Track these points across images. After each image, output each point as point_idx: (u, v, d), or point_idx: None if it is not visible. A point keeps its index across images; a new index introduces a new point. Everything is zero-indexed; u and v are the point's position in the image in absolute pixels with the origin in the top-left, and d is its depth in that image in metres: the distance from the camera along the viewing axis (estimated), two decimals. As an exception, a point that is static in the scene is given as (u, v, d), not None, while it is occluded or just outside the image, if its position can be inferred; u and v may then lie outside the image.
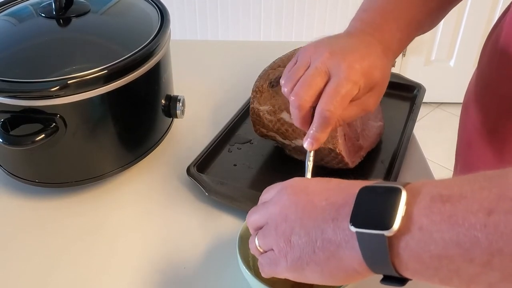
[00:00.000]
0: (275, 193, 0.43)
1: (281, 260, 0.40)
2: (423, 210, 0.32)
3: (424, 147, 0.76)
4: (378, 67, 0.52)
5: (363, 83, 0.50)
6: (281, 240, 0.40)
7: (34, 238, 0.61)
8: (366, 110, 0.53)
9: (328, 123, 0.49)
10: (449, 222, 0.30)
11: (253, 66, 0.81)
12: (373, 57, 0.52)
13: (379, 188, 0.35)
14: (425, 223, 0.31)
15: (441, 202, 0.31)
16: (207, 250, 0.59)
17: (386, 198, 0.33)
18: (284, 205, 0.41)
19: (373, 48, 0.53)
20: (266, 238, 0.42)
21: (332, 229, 0.36)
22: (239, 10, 2.06)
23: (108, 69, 0.58)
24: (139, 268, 0.57)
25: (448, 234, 0.30)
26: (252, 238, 0.44)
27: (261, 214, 0.43)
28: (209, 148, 0.71)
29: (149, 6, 0.72)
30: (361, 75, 0.50)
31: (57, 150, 0.61)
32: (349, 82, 0.49)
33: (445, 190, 0.32)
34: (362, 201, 0.35)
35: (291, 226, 0.39)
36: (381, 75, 0.52)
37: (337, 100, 0.49)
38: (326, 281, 0.39)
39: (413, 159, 0.72)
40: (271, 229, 0.41)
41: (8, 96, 0.56)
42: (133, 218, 0.64)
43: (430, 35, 2.18)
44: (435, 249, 0.31)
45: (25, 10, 0.70)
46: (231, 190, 0.64)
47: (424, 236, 0.31)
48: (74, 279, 0.56)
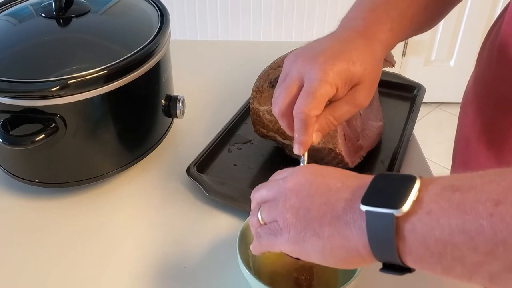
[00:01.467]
0: (289, 172, 0.44)
1: (284, 231, 0.40)
2: (433, 197, 0.33)
3: (424, 147, 0.76)
4: (357, 61, 0.50)
5: (340, 81, 0.49)
6: (288, 212, 0.40)
7: (34, 238, 0.61)
8: (358, 105, 0.52)
9: (307, 125, 0.49)
10: (457, 209, 0.31)
11: (253, 66, 0.81)
12: (350, 52, 0.51)
13: (395, 175, 0.36)
14: (434, 209, 0.32)
15: (451, 191, 0.32)
16: (207, 250, 0.59)
17: (400, 183, 0.35)
18: (298, 182, 0.41)
19: (351, 43, 0.52)
20: (272, 210, 0.42)
21: (343, 207, 0.37)
22: (239, 10, 2.06)
23: (108, 69, 0.58)
24: (139, 268, 0.57)
25: (454, 221, 0.31)
26: (254, 211, 0.44)
27: (271, 189, 0.44)
28: (209, 148, 0.71)
29: (149, 6, 0.72)
30: (334, 74, 0.49)
31: (57, 150, 0.61)
32: (321, 82, 0.48)
33: (456, 181, 0.33)
34: (377, 184, 0.36)
35: (301, 200, 0.40)
36: (361, 68, 0.50)
37: (310, 102, 0.48)
38: (325, 259, 0.39)
39: (413, 159, 0.72)
40: (279, 202, 0.41)
41: (8, 96, 0.56)
42: (133, 218, 0.64)
43: (430, 35, 2.18)
44: (440, 234, 0.32)
45: (25, 10, 0.70)
46: (231, 190, 0.64)
47: (431, 221, 0.32)
48: (74, 279, 0.56)
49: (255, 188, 0.46)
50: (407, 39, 2.30)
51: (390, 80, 0.85)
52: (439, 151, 1.90)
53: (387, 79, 0.85)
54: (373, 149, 0.72)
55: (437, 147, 1.95)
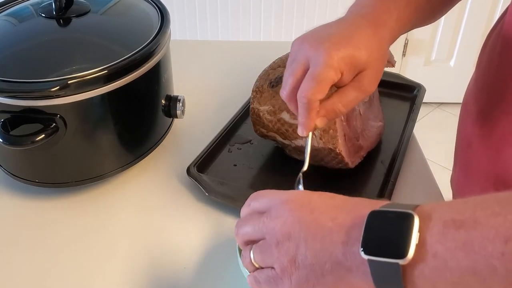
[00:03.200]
0: (270, 205, 0.42)
1: (285, 280, 0.38)
2: (436, 236, 0.31)
3: (424, 147, 0.76)
4: (363, 47, 0.51)
5: (345, 66, 0.50)
6: (284, 259, 0.38)
7: (34, 238, 0.61)
8: (364, 91, 0.52)
9: (309, 109, 0.50)
10: (465, 250, 0.30)
11: (253, 66, 0.81)
12: (357, 38, 0.51)
13: (390, 213, 0.34)
14: (440, 250, 0.31)
15: (455, 228, 0.31)
16: (207, 250, 0.59)
17: (398, 225, 0.33)
18: (285, 222, 0.39)
19: (358, 29, 0.52)
20: (265, 255, 0.40)
21: (342, 253, 0.35)
22: (239, 10, 2.06)
23: (108, 69, 0.58)
24: (139, 268, 0.57)
25: (464, 262, 0.30)
26: (246, 252, 0.42)
27: (256, 227, 0.41)
28: (209, 148, 0.71)
29: (149, 6, 0.72)
30: (339, 59, 0.49)
31: (57, 150, 0.61)
32: (325, 67, 0.49)
33: (457, 215, 0.31)
34: (373, 227, 0.34)
35: (295, 245, 0.38)
36: (367, 55, 0.51)
37: (313, 86, 0.49)
38: None
39: (413, 159, 0.72)
40: (271, 246, 0.39)
41: (8, 96, 0.56)
42: (133, 218, 0.64)
43: (430, 35, 2.18)
44: (450, 277, 0.31)
45: (25, 10, 0.70)
46: (231, 190, 0.64)
47: (439, 264, 0.31)
48: (74, 279, 0.56)
49: (237, 223, 0.45)
50: (407, 40, 2.30)
51: (390, 80, 0.85)
52: (439, 151, 1.90)
53: (387, 79, 0.85)
54: (373, 149, 0.72)
55: (437, 147, 1.95)
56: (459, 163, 0.68)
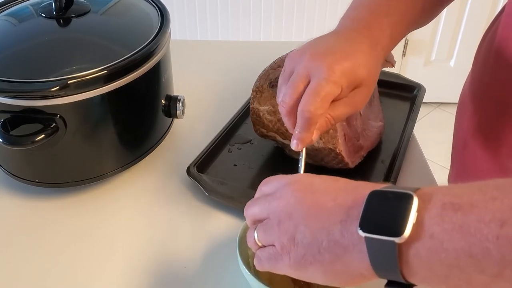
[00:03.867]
0: (277, 187, 0.43)
1: (284, 257, 0.40)
2: (434, 218, 0.32)
3: (424, 147, 0.76)
4: (362, 64, 0.51)
5: (346, 82, 0.50)
6: (284, 237, 0.39)
7: (34, 238, 0.61)
8: (354, 107, 0.53)
9: (310, 123, 0.50)
10: (461, 232, 0.30)
11: (253, 66, 0.81)
12: (357, 55, 0.51)
13: (390, 193, 0.34)
14: (436, 231, 0.31)
15: (453, 210, 0.31)
16: (207, 250, 0.59)
17: (397, 204, 0.33)
18: (288, 202, 0.40)
19: (357, 46, 0.52)
20: (267, 233, 0.41)
21: (340, 231, 0.36)
22: (239, 10, 2.06)
23: (108, 69, 0.58)
24: (139, 268, 0.57)
25: (459, 244, 0.30)
26: (251, 232, 0.44)
27: (262, 207, 0.43)
28: (209, 148, 0.71)
29: (149, 6, 0.72)
30: (341, 74, 0.49)
31: (57, 150, 0.61)
32: (329, 82, 0.49)
33: (456, 198, 0.32)
34: (372, 205, 0.34)
35: (295, 224, 0.39)
36: (366, 72, 0.51)
37: (316, 101, 0.49)
38: (328, 282, 0.39)
39: (413, 159, 0.72)
40: (273, 225, 0.40)
41: (8, 96, 0.56)
42: (133, 218, 0.64)
43: (430, 35, 2.18)
44: (446, 258, 0.31)
45: (25, 10, 0.70)
46: (231, 190, 0.64)
47: (435, 245, 0.31)
48: (74, 279, 0.56)
49: (247, 203, 0.46)
50: (407, 40, 2.30)
51: (390, 80, 0.85)
52: (439, 151, 1.90)
53: (387, 79, 0.85)
54: (373, 149, 0.72)
55: (437, 147, 1.95)
56: (456, 162, 0.68)
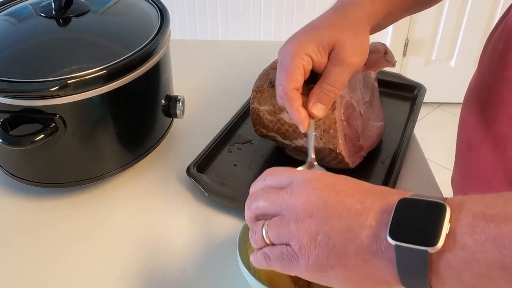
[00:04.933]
0: (290, 181, 0.40)
1: (302, 258, 0.37)
2: (466, 228, 0.31)
3: (425, 147, 0.76)
4: (324, 26, 0.54)
5: (311, 49, 0.52)
6: (304, 237, 0.37)
7: (34, 238, 0.61)
8: (347, 64, 0.53)
9: (289, 99, 0.52)
10: (494, 244, 0.30)
11: (253, 66, 0.81)
12: (316, 22, 0.54)
13: (421, 201, 0.34)
14: (469, 242, 0.31)
15: (485, 221, 0.31)
16: (207, 250, 0.59)
17: (429, 213, 0.33)
18: (308, 199, 0.38)
19: (321, 16, 0.55)
20: (281, 231, 0.39)
21: (368, 236, 0.35)
22: (239, 10, 2.06)
23: (107, 69, 0.58)
24: (139, 268, 0.57)
25: (492, 256, 0.30)
26: (257, 227, 0.41)
27: (273, 202, 0.40)
28: (209, 148, 0.71)
29: (149, 6, 0.72)
30: (301, 44, 0.52)
31: (57, 150, 0.61)
32: (289, 55, 0.52)
33: (487, 209, 0.32)
34: (402, 213, 0.34)
35: (317, 224, 0.37)
36: (330, 30, 0.53)
37: (283, 76, 0.52)
38: (348, 286, 0.37)
39: (414, 159, 0.72)
40: (289, 222, 0.38)
41: (7, 96, 0.56)
42: (133, 218, 0.64)
43: (431, 35, 2.18)
44: (477, 269, 0.31)
45: (25, 10, 0.69)
46: (231, 190, 0.64)
47: (467, 255, 0.31)
48: (74, 279, 0.56)
49: (250, 195, 0.43)
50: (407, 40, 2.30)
51: (391, 80, 0.85)
52: (440, 151, 1.90)
53: (388, 79, 0.85)
54: (374, 149, 0.72)
55: (438, 147, 1.95)
56: (460, 163, 0.68)
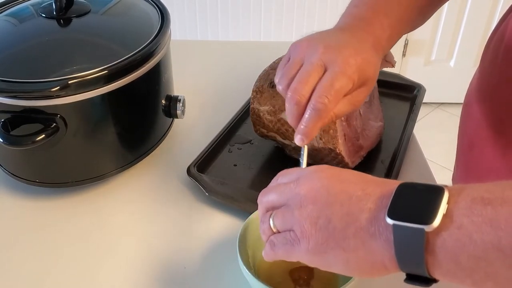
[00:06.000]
0: (298, 176, 0.42)
1: (303, 242, 0.38)
2: (463, 210, 0.32)
3: (424, 147, 0.76)
4: (372, 62, 0.51)
5: (357, 78, 0.49)
6: (306, 221, 0.38)
7: (34, 238, 0.61)
8: (355, 106, 0.52)
9: (320, 116, 0.48)
10: (490, 225, 0.30)
11: (253, 66, 0.81)
12: (367, 52, 0.51)
13: (420, 185, 0.35)
14: (465, 223, 0.31)
15: (482, 204, 0.31)
16: (207, 250, 0.59)
17: (427, 195, 0.33)
18: (313, 187, 0.39)
19: (366, 43, 0.53)
20: (286, 218, 0.40)
21: (367, 218, 0.36)
22: (239, 10, 2.06)
23: (108, 69, 0.58)
24: (139, 268, 0.57)
25: (488, 237, 0.30)
26: (265, 218, 0.42)
27: (281, 193, 0.41)
28: (209, 148, 0.71)
29: (149, 6, 0.72)
30: (356, 70, 0.49)
31: (58, 150, 0.61)
32: (344, 76, 0.48)
33: (486, 193, 0.32)
34: (402, 195, 0.35)
35: (319, 209, 0.38)
36: (374, 71, 0.51)
37: (332, 94, 0.48)
38: (347, 270, 0.38)
39: (413, 159, 0.72)
40: (293, 210, 0.39)
41: (8, 96, 0.56)
42: (133, 218, 0.64)
43: (430, 35, 2.18)
44: (473, 250, 0.31)
45: (26, 10, 0.70)
46: (231, 190, 0.64)
47: (463, 236, 0.31)
48: (74, 279, 0.56)
49: (262, 191, 0.45)
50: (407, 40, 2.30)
51: (390, 80, 0.85)
52: (439, 151, 1.90)
53: (387, 79, 0.85)
54: (373, 149, 0.72)
55: (437, 147, 1.95)
56: (461, 162, 0.68)
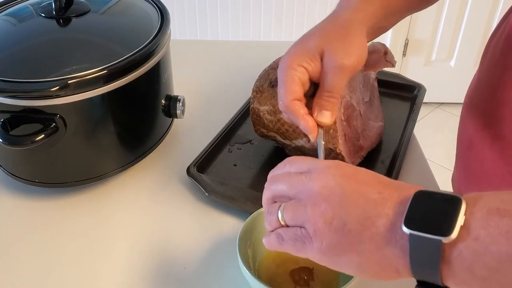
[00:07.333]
0: (310, 167, 0.41)
1: (315, 241, 0.38)
2: (479, 222, 0.32)
3: (424, 147, 0.76)
4: (313, 35, 0.54)
5: (304, 59, 0.52)
6: (319, 220, 0.37)
7: (34, 238, 0.61)
8: (339, 67, 0.53)
9: (293, 112, 0.52)
10: (507, 237, 0.31)
11: (253, 66, 0.81)
12: (308, 33, 0.54)
13: (437, 194, 0.35)
14: (482, 235, 0.31)
15: (499, 216, 0.31)
16: (207, 250, 0.59)
17: (445, 205, 0.33)
18: (327, 184, 0.38)
19: (316, 26, 0.55)
20: (297, 213, 0.39)
21: (384, 225, 0.35)
22: (239, 10, 2.06)
23: (108, 69, 0.58)
24: (139, 268, 0.57)
25: (505, 248, 0.30)
26: (273, 209, 0.41)
27: (292, 184, 0.41)
28: (209, 148, 0.71)
29: (149, 6, 0.72)
30: (293, 56, 0.52)
31: (57, 150, 0.61)
32: (283, 70, 0.52)
33: (502, 204, 0.32)
34: (419, 204, 0.34)
35: (333, 209, 0.37)
36: (318, 39, 0.53)
37: (282, 90, 0.52)
38: (359, 273, 0.38)
39: (413, 159, 0.72)
40: (306, 205, 0.38)
41: (8, 96, 0.56)
42: (133, 218, 0.64)
43: (431, 35, 2.18)
44: (489, 261, 0.31)
45: (25, 10, 0.69)
46: (231, 190, 0.64)
47: (479, 247, 0.31)
48: (74, 279, 0.56)
49: (270, 177, 0.44)
50: (407, 40, 2.29)
51: (391, 80, 0.85)
52: (439, 151, 1.90)
53: (387, 79, 0.85)
54: (374, 149, 0.72)
55: (437, 147, 1.95)
56: (461, 162, 0.68)
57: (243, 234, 0.53)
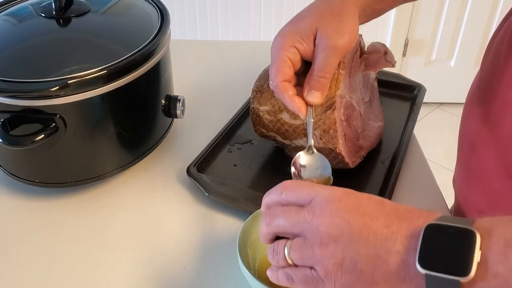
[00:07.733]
0: (310, 198, 0.40)
1: (327, 283, 0.37)
2: (497, 257, 0.31)
3: (424, 147, 0.76)
4: (303, 17, 0.54)
5: (295, 40, 0.53)
6: (329, 262, 0.36)
7: (34, 238, 0.61)
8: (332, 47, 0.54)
9: (281, 91, 0.53)
10: None
11: (253, 66, 0.81)
12: (300, 13, 0.55)
13: (449, 228, 0.33)
14: (501, 271, 0.31)
15: None
16: (207, 250, 0.59)
17: (459, 241, 0.32)
18: (332, 222, 0.37)
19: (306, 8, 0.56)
20: (305, 254, 0.38)
21: (396, 262, 0.34)
22: (239, 10, 2.06)
23: (108, 69, 0.58)
24: (139, 268, 0.57)
25: None
26: (279, 247, 0.40)
27: (294, 222, 0.39)
28: (209, 148, 0.71)
29: (149, 6, 0.72)
30: (284, 37, 0.53)
31: (57, 150, 0.61)
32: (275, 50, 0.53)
33: None
34: (431, 240, 0.33)
35: (343, 249, 0.36)
36: (310, 20, 0.53)
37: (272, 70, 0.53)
38: None
39: (413, 159, 0.72)
40: (313, 246, 0.37)
41: (8, 96, 0.56)
42: (133, 218, 0.64)
43: (431, 35, 2.18)
44: None
45: (25, 10, 0.69)
46: (231, 190, 0.64)
47: (499, 284, 0.31)
48: (74, 279, 0.56)
49: (268, 212, 0.42)
50: (407, 40, 2.29)
51: (391, 80, 0.85)
52: (439, 151, 1.90)
53: (387, 79, 0.85)
54: (374, 149, 0.72)
55: (437, 147, 1.95)
56: (462, 163, 0.68)
57: (243, 234, 0.53)
